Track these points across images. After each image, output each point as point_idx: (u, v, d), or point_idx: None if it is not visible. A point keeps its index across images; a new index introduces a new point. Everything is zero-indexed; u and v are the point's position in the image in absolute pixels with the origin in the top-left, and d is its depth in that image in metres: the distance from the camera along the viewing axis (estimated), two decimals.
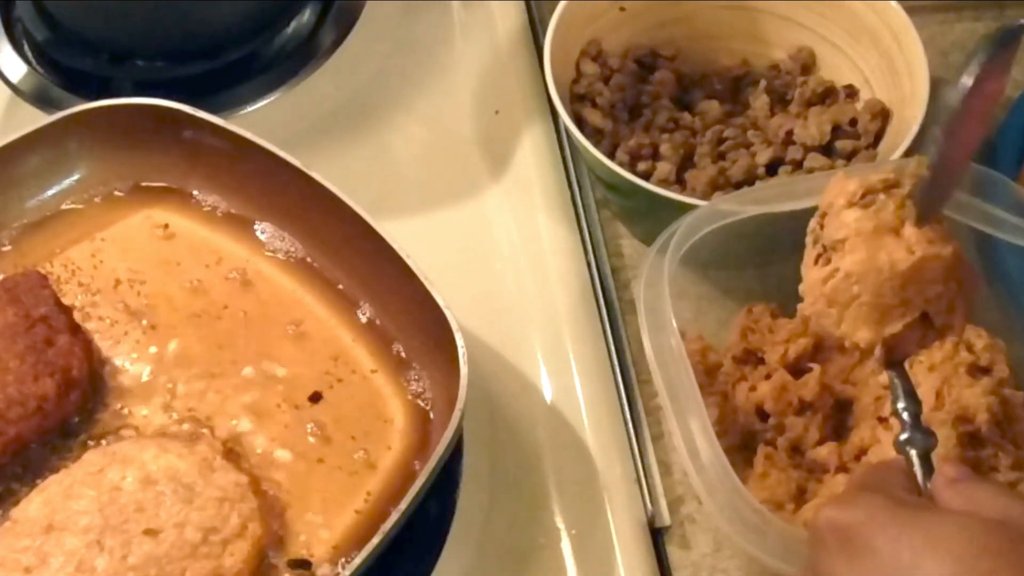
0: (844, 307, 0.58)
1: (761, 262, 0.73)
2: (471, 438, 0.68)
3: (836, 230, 0.58)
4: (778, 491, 0.65)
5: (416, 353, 0.68)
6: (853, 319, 0.58)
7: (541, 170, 0.81)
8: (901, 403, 0.57)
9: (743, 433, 0.68)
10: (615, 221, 0.81)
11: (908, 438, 0.56)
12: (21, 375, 0.64)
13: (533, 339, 0.75)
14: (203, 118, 0.72)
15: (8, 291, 0.67)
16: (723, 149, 0.77)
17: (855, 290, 0.57)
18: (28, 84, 0.84)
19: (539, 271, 0.77)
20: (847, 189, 0.58)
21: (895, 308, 0.57)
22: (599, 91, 0.78)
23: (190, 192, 0.74)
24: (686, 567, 0.68)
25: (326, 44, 0.86)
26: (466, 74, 0.87)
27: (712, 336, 0.72)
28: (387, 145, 0.85)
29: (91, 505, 0.61)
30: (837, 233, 0.58)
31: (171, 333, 0.69)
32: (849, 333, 0.58)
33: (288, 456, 0.65)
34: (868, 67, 0.78)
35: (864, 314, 0.58)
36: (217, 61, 0.83)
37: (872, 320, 0.58)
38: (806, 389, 0.68)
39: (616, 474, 0.69)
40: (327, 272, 0.71)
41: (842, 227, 0.58)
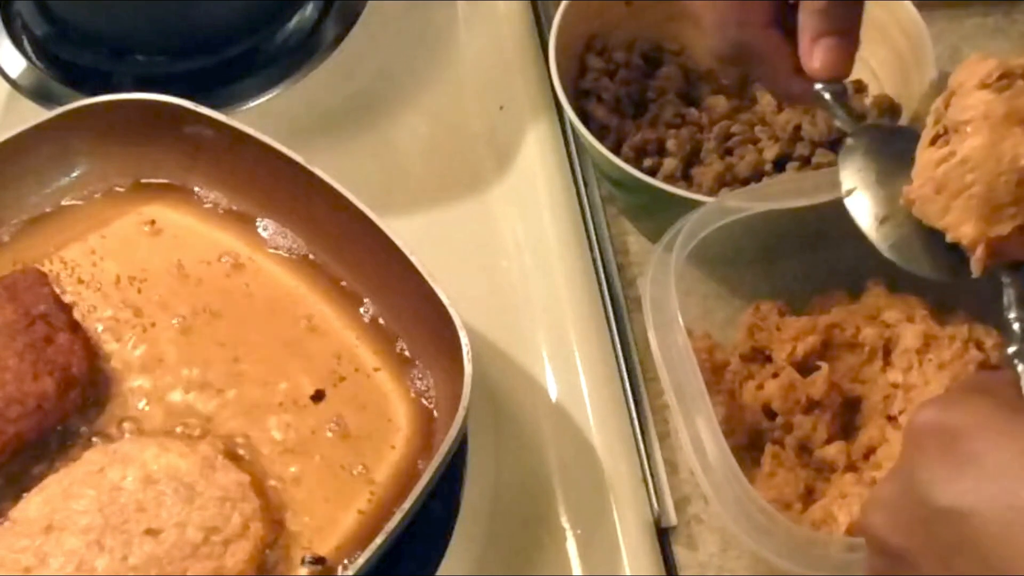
0: (953, 196, 0.55)
1: (769, 259, 0.72)
2: (475, 437, 0.68)
3: (961, 111, 0.55)
4: (786, 490, 0.65)
5: (420, 351, 0.68)
6: (960, 211, 0.54)
7: (546, 166, 0.81)
8: (1013, 312, 0.53)
9: (750, 432, 0.68)
10: (621, 218, 0.81)
11: (1018, 350, 0.52)
12: (20, 373, 0.63)
13: (538, 337, 0.75)
14: (204, 114, 0.71)
15: (7, 289, 0.66)
16: (730, 145, 0.77)
17: (968, 179, 0.54)
18: (27, 79, 0.83)
19: (544, 268, 0.77)
20: (982, 68, 0.55)
21: (1007, 207, 0.54)
22: (604, 86, 0.78)
23: (191, 188, 0.74)
24: (692, 567, 0.68)
25: (329, 39, 0.86)
26: (470, 69, 0.87)
27: (719, 334, 0.72)
28: (391, 141, 0.84)
29: (91, 505, 0.60)
30: (962, 114, 0.55)
31: (172, 331, 0.69)
32: (952, 225, 0.55)
33: (290, 455, 0.65)
34: (877, 62, 0.78)
35: (973, 207, 0.54)
36: (219, 56, 0.83)
37: (980, 215, 0.54)
38: (814, 388, 0.67)
39: (622, 473, 0.69)
40: (330, 269, 0.71)
41: (968, 108, 0.54)
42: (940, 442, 0.46)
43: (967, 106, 0.55)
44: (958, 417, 0.47)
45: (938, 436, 0.47)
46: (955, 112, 0.55)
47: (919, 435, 0.47)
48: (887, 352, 0.69)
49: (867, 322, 0.70)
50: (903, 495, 0.48)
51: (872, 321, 0.70)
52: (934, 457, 0.46)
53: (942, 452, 0.46)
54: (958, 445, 0.46)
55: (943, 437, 0.46)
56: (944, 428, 0.47)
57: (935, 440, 0.47)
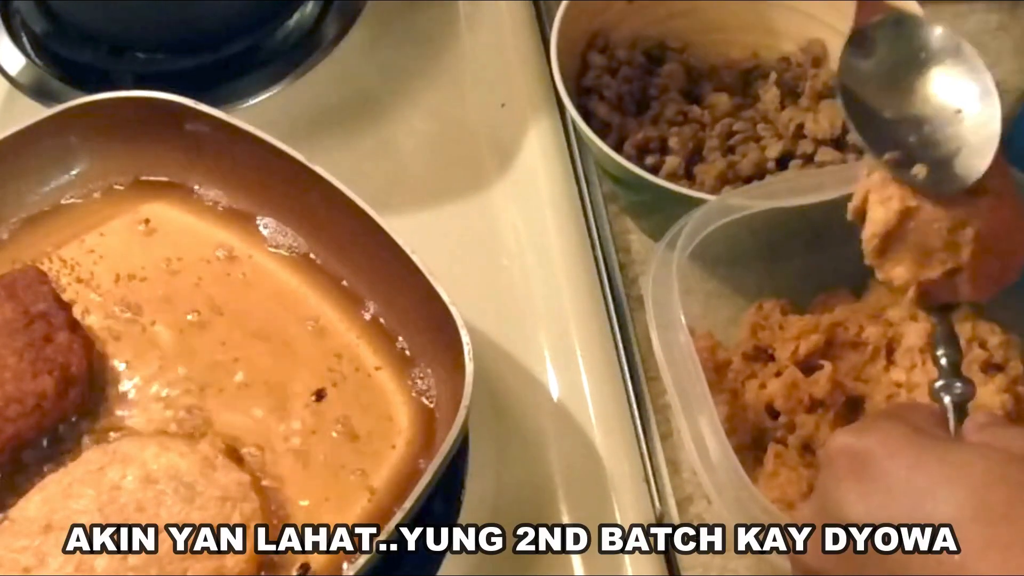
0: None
1: (771, 257, 0.72)
2: (477, 436, 0.67)
3: None
4: (789, 490, 0.65)
5: (421, 350, 0.68)
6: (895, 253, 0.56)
7: (548, 164, 0.81)
8: (940, 349, 0.55)
9: (753, 431, 0.68)
10: (623, 216, 0.81)
11: (945, 384, 0.54)
12: (19, 372, 0.63)
13: (540, 336, 0.74)
14: (204, 111, 0.71)
15: (6, 287, 0.66)
16: (733, 143, 0.77)
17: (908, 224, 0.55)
18: (27, 77, 0.83)
19: (546, 266, 0.77)
20: None
21: (939, 252, 0.55)
22: (606, 84, 0.78)
23: (191, 186, 0.74)
24: (695, 567, 0.68)
25: (329, 36, 0.85)
26: (471, 67, 0.87)
27: (721, 333, 0.71)
28: (391, 139, 0.84)
29: (91, 504, 0.60)
30: None
31: (172, 329, 0.69)
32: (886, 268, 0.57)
33: (291, 454, 0.65)
34: None
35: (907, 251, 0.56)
36: (219, 53, 0.82)
37: (912, 259, 0.56)
38: (817, 387, 0.67)
39: (624, 472, 0.69)
40: (331, 268, 0.71)
41: None
42: (852, 464, 0.49)
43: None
44: (869, 440, 0.49)
45: (849, 458, 0.49)
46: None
47: (833, 458, 0.50)
48: (890, 351, 0.69)
49: (870, 321, 0.69)
50: (820, 514, 0.50)
51: (875, 320, 0.70)
52: (846, 478, 0.49)
53: (854, 473, 0.49)
54: (868, 465, 0.48)
55: (855, 459, 0.49)
56: (855, 451, 0.49)
57: (847, 461, 0.49)
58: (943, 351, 0.55)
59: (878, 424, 0.50)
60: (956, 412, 0.53)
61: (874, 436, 0.49)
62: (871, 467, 0.48)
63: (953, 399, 0.54)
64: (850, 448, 0.49)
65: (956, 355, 0.55)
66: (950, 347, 0.55)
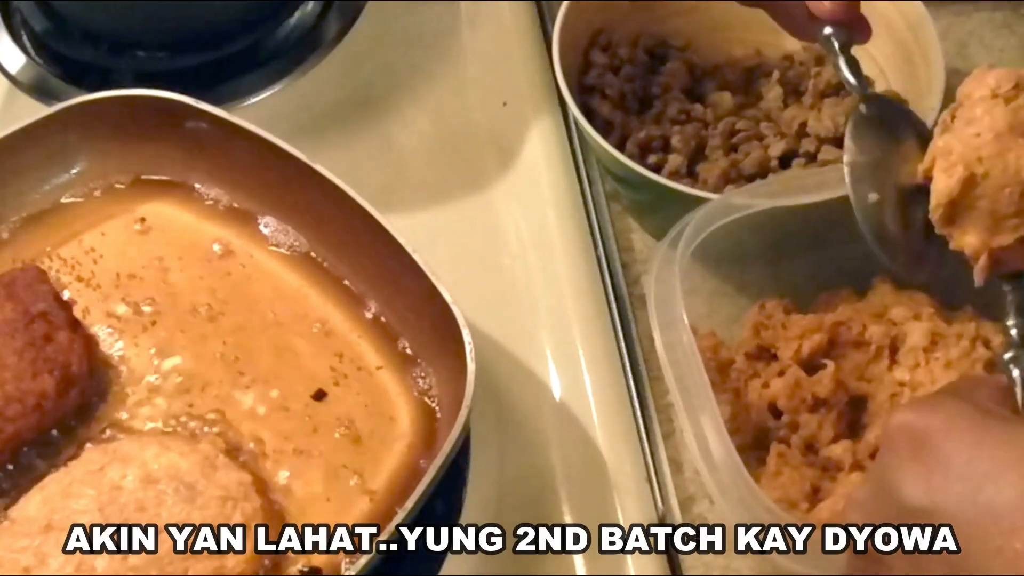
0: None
1: (774, 257, 0.72)
2: (478, 436, 0.67)
3: (967, 123, 0.55)
4: (792, 490, 0.65)
5: (423, 349, 0.68)
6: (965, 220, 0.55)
7: (550, 163, 0.81)
8: (1011, 319, 0.54)
9: (756, 431, 0.68)
10: (625, 215, 0.80)
11: (1014, 356, 0.53)
12: (20, 372, 0.63)
13: (542, 335, 0.74)
14: (205, 110, 0.71)
15: (6, 287, 0.66)
16: (735, 141, 0.76)
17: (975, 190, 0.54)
18: (27, 75, 0.83)
19: (548, 266, 0.77)
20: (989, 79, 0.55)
21: (1010, 218, 0.54)
22: (609, 82, 0.78)
23: (192, 185, 0.74)
24: (697, 567, 0.67)
25: (330, 34, 0.85)
26: (473, 65, 0.87)
27: (724, 332, 0.71)
28: (393, 138, 0.84)
29: (91, 504, 0.60)
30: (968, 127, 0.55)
31: (173, 329, 0.69)
32: (957, 236, 0.56)
33: (292, 454, 0.65)
34: (883, 58, 0.78)
35: (977, 218, 0.55)
36: (219, 52, 0.82)
37: (984, 226, 0.55)
38: (820, 386, 0.67)
39: (626, 472, 0.69)
40: (332, 267, 0.71)
41: (974, 120, 0.55)
42: (911, 444, 0.47)
43: (973, 118, 0.55)
44: (930, 419, 0.48)
45: (910, 438, 0.48)
46: (961, 124, 0.56)
47: (893, 437, 0.48)
48: (894, 350, 0.68)
49: (874, 320, 0.69)
50: (877, 496, 0.49)
51: (879, 319, 0.69)
52: (905, 458, 0.47)
53: (913, 453, 0.47)
54: (928, 446, 0.47)
55: (915, 439, 0.47)
56: (916, 430, 0.47)
57: (907, 442, 0.48)
58: (1014, 321, 0.54)
59: (941, 402, 0.49)
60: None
61: (936, 415, 0.47)
62: (932, 448, 0.46)
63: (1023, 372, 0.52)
64: (911, 427, 0.48)
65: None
66: (1022, 317, 0.54)
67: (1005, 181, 0.54)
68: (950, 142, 0.55)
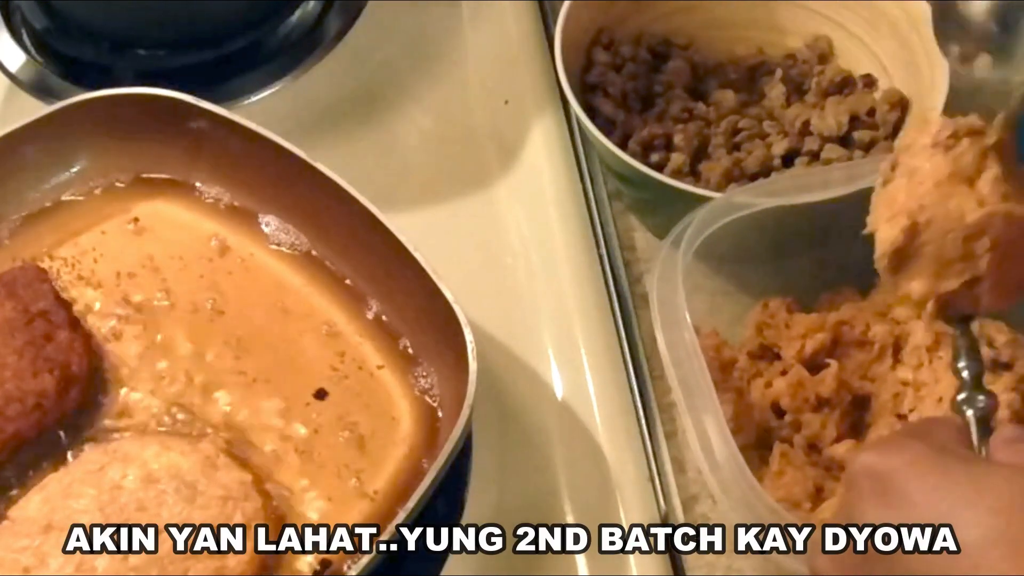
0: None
1: (777, 255, 0.71)
2: (480, 435, 0.67)
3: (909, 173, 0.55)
4: (794, 490, 0.65)
5: (424, 349, 0.67)
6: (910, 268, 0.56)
7: (552, 161, 0.81)
8: (962, 362, 0.54)
9: (759, 430, 0.67)
10: (627, 213, 0.80)
11: (967, 397, 0.53)
12: (20, 371, 0.63)
13: (544, 334, 0.74)
14: (206, 108, 0.71)
15: (6, 286, 0.66)
16: (738, 140, 0.76)
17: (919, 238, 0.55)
18: (27, 74, 0.83)
19: (550, 265, 0.76)
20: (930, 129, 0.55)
21: (956, 263, 0.55)
22: (611, 80, 0.77)
23: (193, 184, 0.74)
24: (700, 567, 0.67)
25: (332, 33, 0.85)
26: (475, 63, 0.87)
27: (727, 331, 0.71)
28: (394, 136, 0.84)
29: (91, 504, 0.60)
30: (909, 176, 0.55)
31: (174, 328, 0.69)
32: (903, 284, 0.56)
33: (292, 454, 0.65)
34: (886, 56, 0.78)
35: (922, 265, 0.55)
36: (220, 50, 0.82)
37: (930, 272, 0.55)
38: (823, 385, 0.67)
39: (629, 472, 0.69)
40: (333, 266, 0.71)
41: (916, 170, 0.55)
42: (874, 483, 0.48)
43: (914, 168, 0.56)
44: (892, 460, 0.48)
45: (872, 478, 0.48)
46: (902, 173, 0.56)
47: (856, 478, 0.49)
48: (897, 349, 0.68)
49: (877, 319, 0.69)
50: None
51: (882, 318, 0.69)
52: (868, 498, 0.48)
53: (876, 493, 0.48)
54: (890, 486, 0.48)
55: (877, 479, 0.48)
56: (878, 471, 0.48)
57: (869, 482, 0.48)
58: (965, 363, 0.55)
59: (902, 443, 0.49)
60: (980, 427, 0.52)
61: (898, 456, 0.48)
62: (894, 488, 0.47)
63: (976, 413, 0.53)
64: (873, 468, 0.48)
65: (978, 367, 0.54)
66: (972, 359, 0.55)
67: (948, 227, 0.54)
68: (892, 192, 0.56)
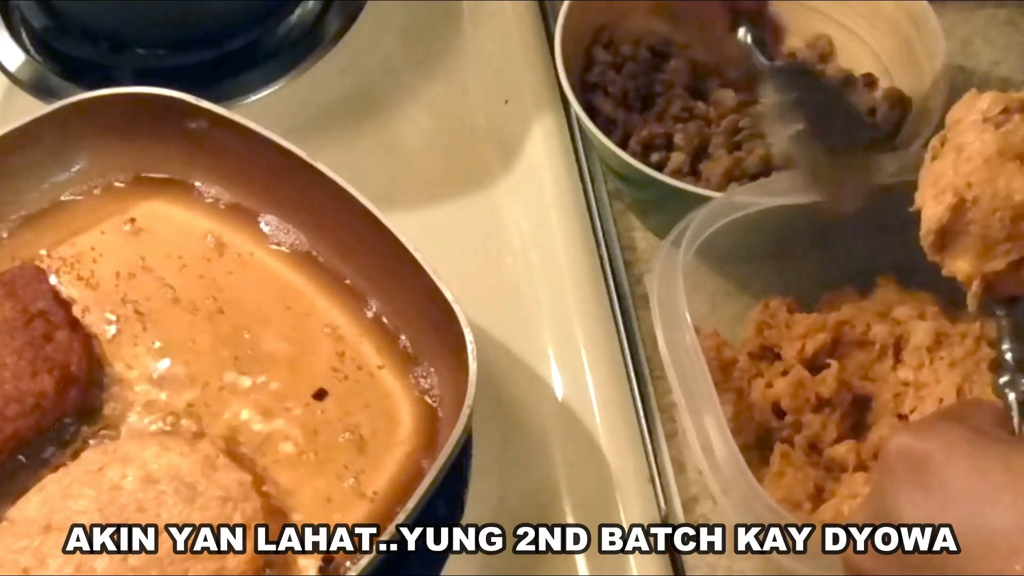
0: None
1: (778, 255, 0.71)
2: (480, 436, 0.67)
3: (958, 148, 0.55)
4: (795, 490, 0.65)
5: (424, 349, 0.67)
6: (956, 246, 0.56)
7: (552, 161, 0.80)
8: (1006, 344, 0.54)
9: (759, 431, 0.67)
10: (628, 213, 0.80)
11: (1010, 380, 0.53)
12: (18, 371, 0.63)
13: (544, 334, 0.74)
14: (205, 107, 0.71)
15: (5, 285, 0.66)
16: (739, 139, 0.76)
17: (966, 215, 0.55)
18: (26, 73, 0.83)
19: (550, 264, 0.76)
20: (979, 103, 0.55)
21: (1002, 243, 0.54)
22: (611, 80, 0.77)
23: (192, 183, 0.73)
24: (700, 567, 0.67)
25: (331, 32, 0.85)
26: (475, 62, 0.86)
27: (727, 331, 0.71)
28: (394, 136, 0.84)
29: (91, 505, 0.60)
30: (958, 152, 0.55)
31: (173, 328, 0.69)
32: (948, 262, 0.56)
33: (292, 454, 0.65)
34: (887, 55, 0.78)
35: (969, 243, 0.55)
36: (220, 49, 0.82)
37: (975, 252, 0.55)
38: (824, 386, 0.67)
39: (629, 472, 0.69)
40: (333, 266, 0.71)
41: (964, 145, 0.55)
42: (910, 467, 0.48)
43: (963, 143, 0.55)
44: (928, 443, 0.48)
45: (908, 461, 0.48)
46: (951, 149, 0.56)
47: (891, 461, 0.48)
48: (898, 349, 0.68)
49: (878, 319, 0.69)
50: (875, 520, 0.49)
51: (883, 318, 0.69)
52: (903, 481, 0.48)
53: (911, 477, 0.47)
54: (926, 470, 0.47)
55: (913, 462, 0.48)
56: (914, 453, 0.48)
57: (905, 465, 0.48)
58: (1008, 346, 0.54)
59: (939, 425, 0.49)
60: (1021, 410, 0.52)
61: (934, 439, 0.48)
62: (930, 472, 0.47)
63: (1018, 396, 0.52)
64: (909, 451, 0.48)
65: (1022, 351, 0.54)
66: (1016, 342, 0.54)
67: (996, 206, 0.54)
68: (940, 168, 0.56)
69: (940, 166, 0.56)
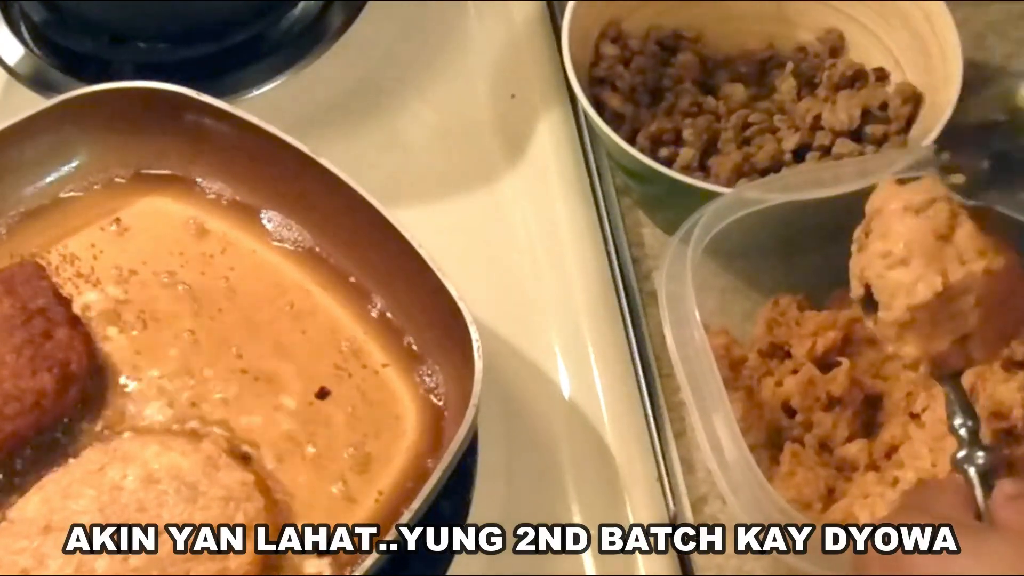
0: None
1: (788, 252, 0.71)
2: (486, 435, 0.67)
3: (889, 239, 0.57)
4: (805, 490, 0.64)
5: (429, 347, 0.67)
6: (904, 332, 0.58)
7: (559, 156, 0.80)
8: (958, 419, 0.56)
9: (769, 430, 0.67)
10: (636, 209, 0.80)
11: (967, 455, 0.55)
12: (18, 370, 0.63)
13: (551, 332, 0.74)
14: (207, 102, 0.71)
15: (4, 282, 0.66)
16: (748, 134, 0.76)
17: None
18: (26, 67, 0.82)
19: (557, 261, 0.76)
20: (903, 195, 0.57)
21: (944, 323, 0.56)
22: (619, 74, 0.77)
23: (194, 179, 0.73)
24: (710, 568, 0.67)
25: (335, 25, 0.84)
26: (481, 56, 0.86)
27: (737, 329, 0.71)
28: (398, 130, 0.83)
29: (91, 505, 0.60)
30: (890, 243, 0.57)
31: (174, 326, 0.68)
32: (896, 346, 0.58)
33: (296, 453, 0.64)
34: (899, 49, 0.77)
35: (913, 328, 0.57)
36: (221, 43, 0.82)
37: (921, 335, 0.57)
38: (834, 384, 0.67)
39: (637, 472, 0.69)
40: (336, 263, 0.70)
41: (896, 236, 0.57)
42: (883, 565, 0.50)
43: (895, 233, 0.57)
44: None
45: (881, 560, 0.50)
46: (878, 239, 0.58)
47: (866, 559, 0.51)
48: None
49: None
50: None
51: None
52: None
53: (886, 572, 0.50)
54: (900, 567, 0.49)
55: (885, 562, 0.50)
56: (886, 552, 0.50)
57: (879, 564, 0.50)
58: (960, 420, 0.56)
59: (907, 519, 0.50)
60: (982, 483, 0.53)
61: None
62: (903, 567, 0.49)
63: (978, 470, 0.54)
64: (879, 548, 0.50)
65: (974, 423, 0.56)
66: (966, 415, 0.56)
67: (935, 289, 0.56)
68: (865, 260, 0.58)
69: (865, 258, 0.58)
